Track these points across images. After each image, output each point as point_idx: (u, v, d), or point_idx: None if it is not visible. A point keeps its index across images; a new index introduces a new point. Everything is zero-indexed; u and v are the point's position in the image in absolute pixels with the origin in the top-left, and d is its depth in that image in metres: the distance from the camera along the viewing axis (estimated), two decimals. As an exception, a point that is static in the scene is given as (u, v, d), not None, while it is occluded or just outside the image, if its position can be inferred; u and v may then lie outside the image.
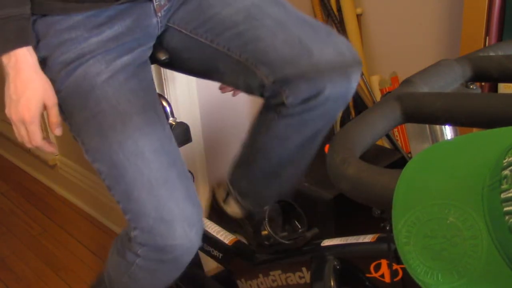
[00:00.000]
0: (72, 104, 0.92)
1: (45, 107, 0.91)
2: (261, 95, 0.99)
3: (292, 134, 1.00)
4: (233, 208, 1.15)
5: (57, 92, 0.92)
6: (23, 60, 0.87)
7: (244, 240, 1.17)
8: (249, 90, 1.02)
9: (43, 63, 0.91)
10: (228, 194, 1.16)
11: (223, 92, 1.19)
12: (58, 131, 0.94)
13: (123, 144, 0.90)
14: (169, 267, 0.98)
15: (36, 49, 0.90)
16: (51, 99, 0.91)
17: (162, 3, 0.98)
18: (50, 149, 0.96)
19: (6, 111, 0.90)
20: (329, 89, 0.92)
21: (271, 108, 0.98)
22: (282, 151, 1.03)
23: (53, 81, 0.91)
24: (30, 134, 0.91)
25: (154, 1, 0.96)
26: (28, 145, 0.93)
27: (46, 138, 0.94)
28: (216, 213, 1.15)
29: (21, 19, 0.86)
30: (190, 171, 1.01)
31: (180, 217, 0.92)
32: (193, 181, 1.00)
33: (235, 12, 0.98)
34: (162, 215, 0.91)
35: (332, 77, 0.92)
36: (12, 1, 0.85)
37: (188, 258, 0.96)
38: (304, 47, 0.93)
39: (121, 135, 0.90)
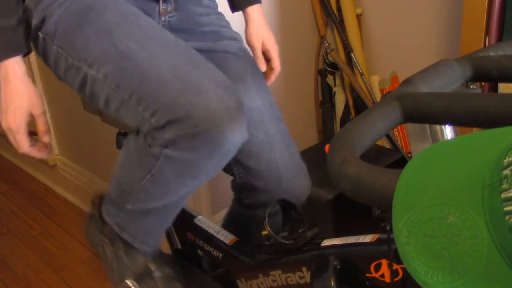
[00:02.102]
0: (71, 29, 0.89)
1: (32, 116, 0.93)
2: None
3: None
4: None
5: (55, 24, 0.89)
6: (11, 71, 0.89)
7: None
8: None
9: (43, 22, 0.91)
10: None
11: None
12: (46, 138, 0.96)
13: (130, 33, 0.85)
14: (203, 153, 0.82)
15: (33, 15, 0.90)
16: (38, 109, 0.92)
17: (169, 9, 0.98)
18: (39, 155, 0.97)
19: None
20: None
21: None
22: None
23: (50, 21, 0.89)
24: (18, 142, 0.93)
25: (160, 3, 0.96)
26: (19, 152, 0.95)
27: (35, 144, 0.95)
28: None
29: (7, 30, 0.88)
30: None
31: (211, 84, 0.81)
32: None
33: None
34: (189, 83, 0.80)
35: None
36: None
37: (231, 139, 0.81)
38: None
39: (125, 27, 0.86)
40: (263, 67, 1.13)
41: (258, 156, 1.04)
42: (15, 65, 0.89)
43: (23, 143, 0.93)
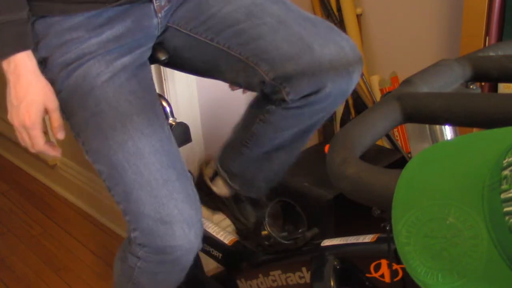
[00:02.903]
0: (72, 104, 0.92)
1: (46, 112, 0.91)
2: (262, 92, 0.99)
3: (288, 125, 1.00)
4: (220, 188, 1.15)
5: (58, 92, 0.92)
6: (23, 65, 0.87)
7: (228, 219, 1.18)
8: (249, 87, 1.03)
9: (43, 63, 0.91)
10: (216, 173, 1.15)
11: (233, 90, 1.18)
12: (60, 135, 0.94)
13: (123, 145, 0.90)
14: (170, 269, 0.97)
15: (35, 50, 0.90)
16: (52, 103, 0.90)
17: (163, 3, 0.98)
18: (53, 153, 0.96)
19: (8, 116, 0.90)
20: (330, 86, 0.92)
21: (270, 99, 0.98)
22: (275, 139, 1.03)
23: (53, 81, 0.91)
24: (32, 139, 0.91)
25: (154, 2, 0.96)
26: (32, 150, 0.93)
27: (49, 142, 0.94)
28: (201, 190, 1.14)
29: (18, 24, 0.86)
30: (190, 171, 1.01)
31: (179, 218, 0.92)
32: (193, 181, 1.00)
33: (235, 10, 0.98)
34: (162, 216, 0.91)
35: (333, 74, 0.92)
36: (9, 7, 0.85)
37: (188, 259, 0.96)
38: (305, 44, 0.93)
39: (121, 136, 0.90)
40: None
41: (276, 40, 0.94)
42: (26, 59, 0.87)
43: (38, 140, 0.91)
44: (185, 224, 0.92)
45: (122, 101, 0.91)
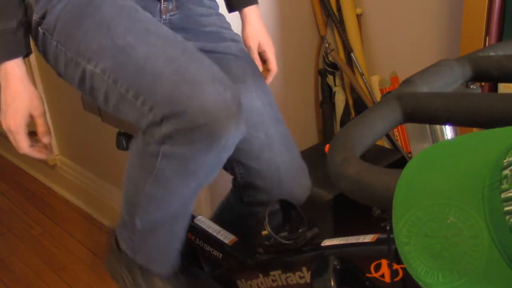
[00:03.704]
0: (70, 24, 0.88)
1: (32, 117, 0.93)
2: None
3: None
4: None
5: (55, 19, 0.89)
6: (11, 73, 0.90)
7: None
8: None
9: (43, 17, 0.91)
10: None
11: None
12: (46, 139, 0.97)
13: (130, 27, 0.85)
14: (200, 148, 0.80)
15: (34, 11, 0.90)
16: (38, 110, 0.93)
17: (170, 7, 0.98)
18: (39, 156, 0.98)
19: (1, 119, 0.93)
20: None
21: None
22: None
23: (51, 16, 0.89)
24: (17, 142, 0.94)
25: (162, 2, 0.96)
26: (19, 152, 0.95)
27: (35, 145, 0.96)
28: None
29: (8, 33, 0.88)
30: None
31: (206, 77, 0.79)
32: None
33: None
34: (184, 76, 0.78)
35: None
36: None
37: (228, 131, 0.79)
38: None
39: (127, 21, 0.86)
40: (259, 68, 1.13)
41: (258, 157, 1.04)
42: (15, 66, 0.90)
43: (22, 144, 0.94)
44: (217, 81, 0.79)
45: (125, 4, 0.88)
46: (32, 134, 0.95)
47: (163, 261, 1.03)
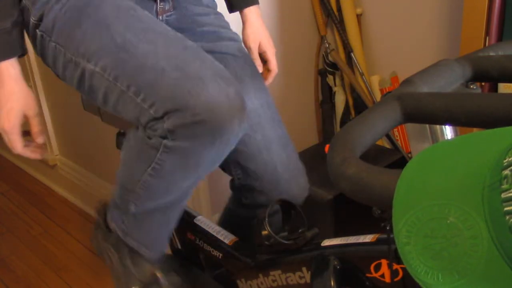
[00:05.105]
0: (69, 24, 0.88)
1: (26, 118, 0.93)
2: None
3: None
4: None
5: (53, 20, 0.89)
6: (6, 73, 0.90)
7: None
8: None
9: (40, 19, 0.91)
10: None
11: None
12: (40, 139, 0.97)
13: (129, 26, 0.84)
14: (203, 143, 0.80)
15: (31, 13, 0.90)
16: (32, 110, 0.93)
17: (167, 8, 0.98)
18: (33, 156, 0.98)
19: None
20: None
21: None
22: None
23: (48, 17, 0.89)
24: (11, 142, 0.94)
25: (158, 2, 0.96)
26: (13, 152, 0.95)
27: (29, 145, 0.96)
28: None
29: (2, 33, 0.88)
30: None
31: (208, 73, 0.79)
32: None
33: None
34: (186, 72, 0.78)
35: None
36: None
37: (231, 127, 0.79)
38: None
39: (126, 20, 0.85)
40: (259, 68, 1.13)
41: (256, 158, 1.04)
42: (9, 66, 0.90)
43: (16, 144, 0.94)
44: (220, 78, 0.79)
45: (124, 4, 0.88)
46: (27, 133, 0.95)
47: (153, 245, 1.02)
